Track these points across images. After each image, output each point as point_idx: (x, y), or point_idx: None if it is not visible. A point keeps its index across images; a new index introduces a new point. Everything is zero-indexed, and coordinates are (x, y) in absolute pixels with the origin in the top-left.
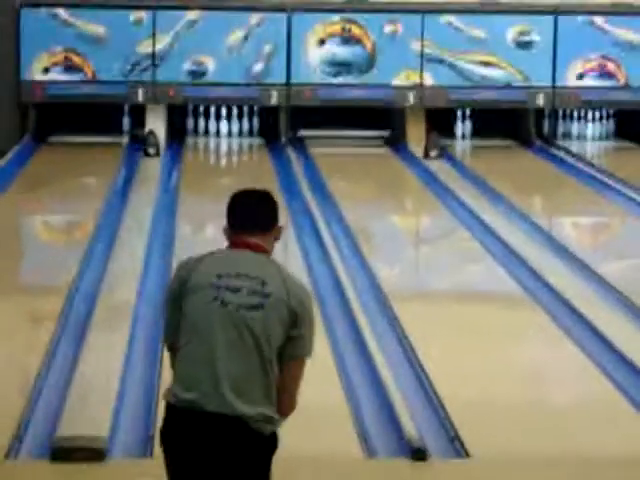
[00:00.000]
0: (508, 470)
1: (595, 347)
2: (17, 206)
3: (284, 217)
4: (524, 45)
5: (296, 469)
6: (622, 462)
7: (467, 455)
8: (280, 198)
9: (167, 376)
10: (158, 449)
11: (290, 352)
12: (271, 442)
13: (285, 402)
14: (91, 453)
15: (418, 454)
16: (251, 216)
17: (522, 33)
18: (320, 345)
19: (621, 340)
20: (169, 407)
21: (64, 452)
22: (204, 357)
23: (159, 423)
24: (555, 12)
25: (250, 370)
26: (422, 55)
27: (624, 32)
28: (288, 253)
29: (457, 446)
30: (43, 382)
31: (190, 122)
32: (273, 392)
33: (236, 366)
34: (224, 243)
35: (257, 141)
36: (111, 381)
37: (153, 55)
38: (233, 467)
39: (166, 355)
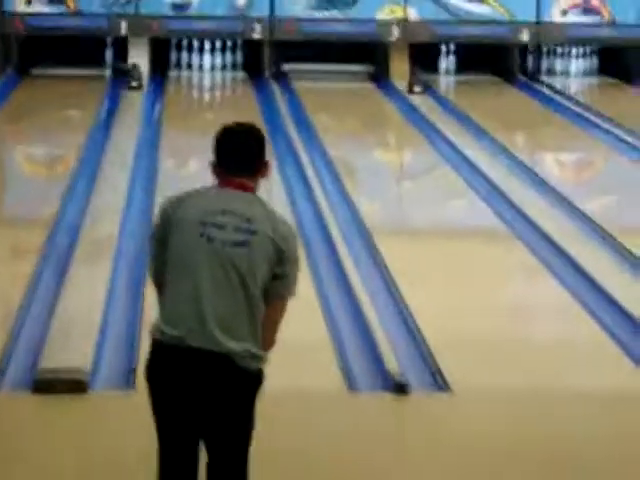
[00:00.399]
0: (489, 404)
1: (576, 283)
2: (0, 138)
3: (268, 152)
4: None
5: (280, 404)
6: (605, 397)
7: (449, 389)
8: (264, 133)
9: (149, 310)
10: (141, 382)
11: (274, 291)
12: (257, 378)
13: (266, 339)
14: (73, 385)
15: (400, 388)
16: (239, 157)
17: None
18: (303, 282)
19: (602, 275)
20: (155, 343)
21: (46, 384)
22: (190, 294)
23: (142, 356)
24: None
25: (236, 307)
26: None
27: None
28: (271, 188)
29: (439, 381)
30: (25, 315)
31: (173, 55)
32: (259, 329)
33: (222, 303)
34: (208, 177)
35: (240, 75)
36: (94, 314)
37: None
38: (219, 403)
39: (150, 289)
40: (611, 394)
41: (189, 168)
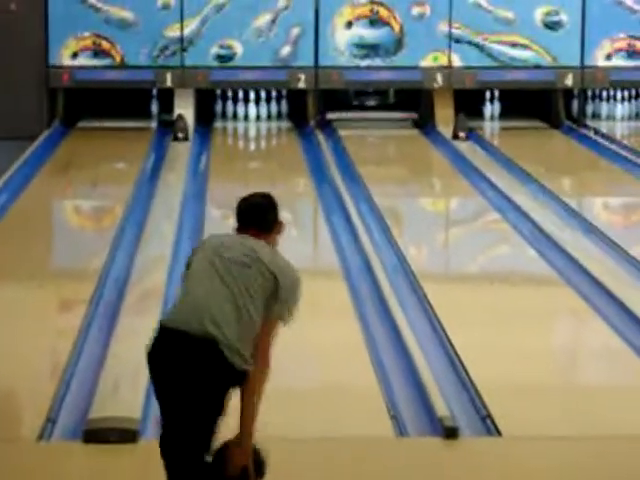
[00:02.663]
0: (539, 448)
1: (628, 329)
2: (48, 191)
3: (313, 200)
4: (552, 25)
5: (330, 450)
6: None
7: (499, 434)
8: (309, 181)
9: None
10: None
11: (267, 314)
12: (238, 375)
13: (259, 357)
14: (123, 434)
15: (450, 432)
16: (252, 221)
17: (550, 13)
18: (351, 326)
19: None
20: (159, 327)
21: (97, 433)
22: (197, 298)
23: None
24: None
25: (230, 314)
26: (450, 36)
27: None
28: (318, 236)
29: (489, 425)
30: (75, 366)
31: (218, 106)
32: (247, 339)
33: (220, 308)
34: None
35: (285, 124)
36: (142, 364)
37: (181, 39)
38: (190, 379)
39: None
40: None
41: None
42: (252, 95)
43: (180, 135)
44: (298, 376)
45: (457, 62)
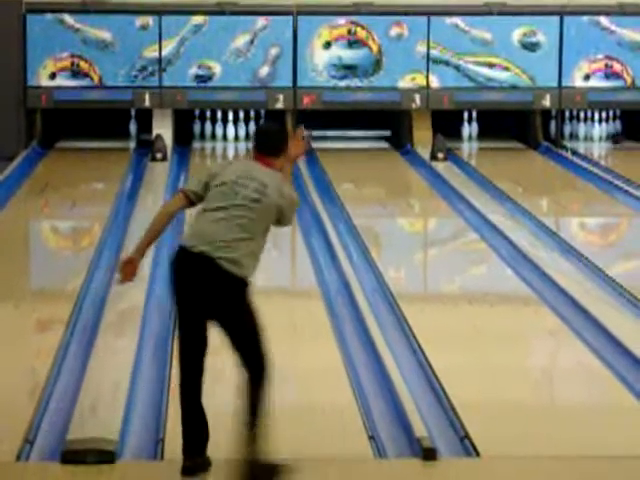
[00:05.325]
0: (517, 468)
1: (604, 347)
2: (26, 211)
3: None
4: (530, 46)
5: (307, 470)
6: (631, 462)
7: (477, 454)
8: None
9: (176, 380)
10: (168, 452)
11: (278, 222)
12: (239, 280)
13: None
14: (101, 455)
15: (428, 453)
16: (265, 144)
17: (527, 34)
18: (329, 347)
19: (631, 340)
20: (180, 248)
21: (74, 454)
22: (212, 223)
23: (169, 426)
24: (561, 12)
25: (238, 235)
26: (428, 57)
27: (630, 32)
28: (295, 255)
29: (467, 445)
30: (53, 386)
31: (197, 126)
32: (254, 254)
33: (230, 231)
34: None
35: None
36: (121, 385)
37: (159, 60)
38: (213, 292)
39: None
40: None
41: None
42: (230, 115)
43: (158, 155)
44: (276, 396)
45: (435, 83)
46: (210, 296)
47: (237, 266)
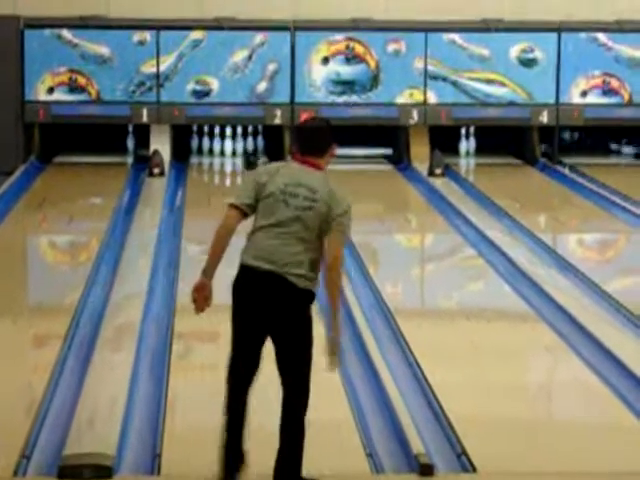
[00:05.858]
0: None
1: (601, 363)
2: (23, 226)
3: None
4: (527, 62)
5: None
6: (629, 478)
7: (474, 470)
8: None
9: (172, 394)
10: (165, 467)
11: (330, 230)
12: (306, 293)
13: (332, 262)
14: (98, 470)
15: (425, 470)
16: (311, 144)
17: (525, 50)
18: (326, 363)
19: (627, 356)
20: (244, 267)
21: (71, 469)
22: (271, 239)
23: (166, 441)
24: (558, 29)
25: (297, 248)
26: (425, 73)
27: (628, 49)
28: None
29: (464, 461)
30: (50, 401)
31: (194, 142)
32: (313, 262)
33: (289, 246)
34: (229, 262)
35: (262, 160)
36: (118, 400)
37: (157, 75)
38: (279, 308)
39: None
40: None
41: None
42: (228, 131)
43: (156, 170)
44: (273, 413)
45: (432, 99)
46: (279, 313)
47: (305, 280)
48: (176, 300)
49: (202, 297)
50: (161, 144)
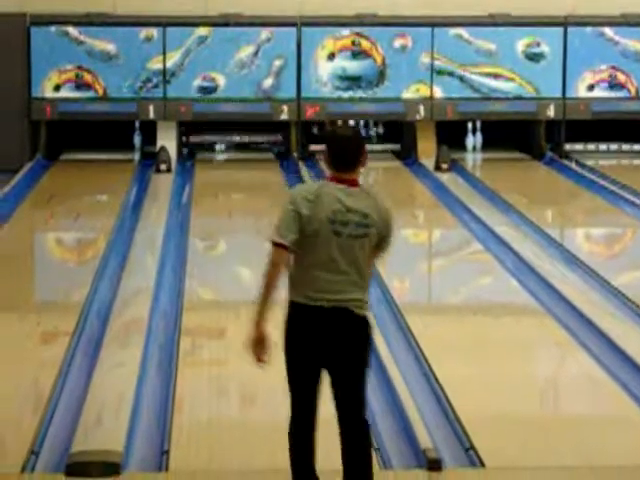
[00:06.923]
0: (522, 479)
1: (609, 358)
2: (30, 224)
3: None
4: (534, 57)
5: None
6: (637, 472)
7: (482, 465)
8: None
9: (181, 391)
10: (173, 464)
11: (377, 249)
12: (363, 320)
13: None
14: (106, 467)
15: (433, 464)
16: (348, 159)
17: (531, 45)
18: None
19: (635, 351)
20: (297, 305)
21: (79, 466)
22: (323, 273)
23: (173, 437)
24: (564, 23)
25: (351, 277)
26: (432, 68)
27: (634, 42)
28: None
29: (472, 456)
30: (58, 398)
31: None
32: (366, 285)
33: (342, 275)
34: (237, 259)
35: (268, 156)
36: (125, 396)
37: (164, 72)
38: (341, 338)
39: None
40: None
41: (218, 249)
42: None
43: (163, 167)
44: (282, 409)
45: (439, 94)
46: (344, 344)
47: (365, 306)
48: (184, 296)
49: (262, 350)
50: (168, 140)
